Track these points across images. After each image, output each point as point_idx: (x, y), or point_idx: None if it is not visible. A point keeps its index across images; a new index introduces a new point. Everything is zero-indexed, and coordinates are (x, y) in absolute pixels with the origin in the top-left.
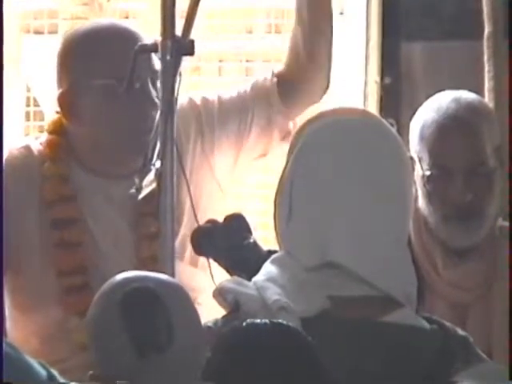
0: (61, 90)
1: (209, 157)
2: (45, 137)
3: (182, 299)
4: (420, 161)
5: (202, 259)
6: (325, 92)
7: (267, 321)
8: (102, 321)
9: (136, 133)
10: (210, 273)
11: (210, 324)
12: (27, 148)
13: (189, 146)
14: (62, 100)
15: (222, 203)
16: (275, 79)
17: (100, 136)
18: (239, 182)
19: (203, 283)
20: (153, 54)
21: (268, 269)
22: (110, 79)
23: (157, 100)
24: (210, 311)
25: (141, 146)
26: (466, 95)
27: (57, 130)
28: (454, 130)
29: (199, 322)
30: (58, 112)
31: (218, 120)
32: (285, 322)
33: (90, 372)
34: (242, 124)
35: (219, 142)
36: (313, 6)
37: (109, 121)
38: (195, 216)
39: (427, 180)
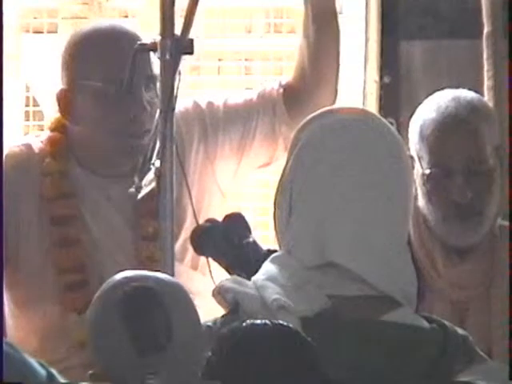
0: (60, 88)
1: (211, 161)
2: (45, 134)
3: (181, 298)
4: (420, 160)
5: (202, 263)
6: (331, 106)
7: (267, 321)
8: (101, 320)
9: (125, 136)
10: (210, 272)
11: (209, 323)
12: (27, 146)
13: (192, 149)
14: (60, 97)
15: (223, 206)
16: (281, 90)
17: (92, 136)
18: (240, 186)
19: (202, 286)
20: (149, 58)
21: (268, 268)
22: (103, 82)
23: (147, 105)
24: (208, 314)
25: (131, 150)
26: (466, 94)
27: (58, 127)
28: (453, 129)
29: (198, 321)
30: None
31: (222, 125)
32: (284, 323)
33: (90, 371)
34: (245, 131)
35: (222, 147)
36: (318, 22)
37: (100, 122)
38: (195, 215)
39: (427, 179)
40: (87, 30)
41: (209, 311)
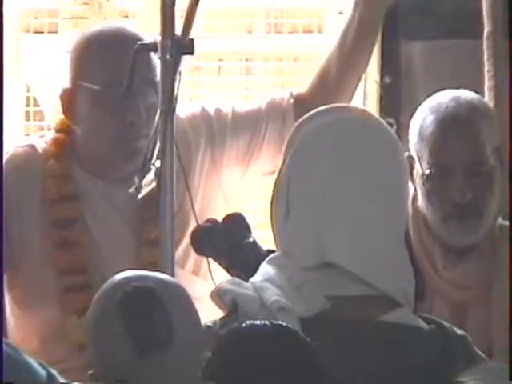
0: (63, 88)
1: (218, 167)
2: (50, 135)
3: (181, 299)
4: (420, 160)
5: (204, 269)
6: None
7: (266, 322)
8: (101, 320)
9: (121, 140)
10: (210, 272)
11: (209, 323)
12: (31, 146)
13: (198, 154)
14: (63, 97)
15: (225, 209)
16: (292, 100)
17: (91, 138)
18: (244, 191)
19: (203, 291)
20: (150, 62)
21: (265, 269)
22: (102, 84)
23: (143, 111)
24: (208, 319)
25: (127, 153)
26: (466, 94)
27: (63, 128)
28: (453, 129)
29: (199, 321)
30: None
31: (230, 131)
32: (284, 323)
33: (90, 372)
34: (253, 138)
35: (229, 154)
36: (362, 35)
37: (97, 125)
38: (195, 215)
39: (427, 179)
40: (92, 32)
41: (209, 316)
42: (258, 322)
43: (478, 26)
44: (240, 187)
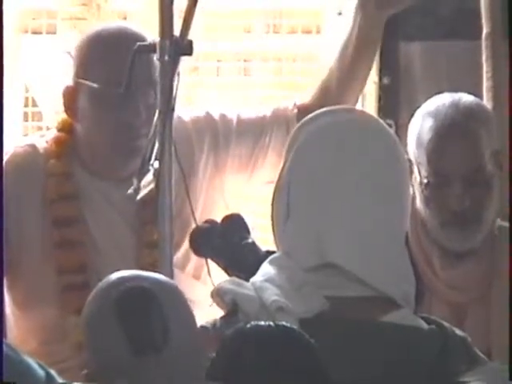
0: (66, 85)
1: (220, 172)
2: (51, 134)
3: (177, 299)
4: (418, 166)
5: (205, 274)
6: None
7: (271, 323)
8: (96, 319)
9: (120, 139)
10: (209, 273)
11: (204, 324)
12: (32, 146)
13: (201, 158)
14: (65, 94)
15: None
16: (296, 110)
17: (92, 137)
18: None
19: (202, 295)
20: (150, 62)
21: (266, 269)
22: (102, 83)
23: (142, 111)
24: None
25: (127, 151)
26: (465, 99)
27: (65, 128)
28: (452, 137)
29: (194, 322)
30: (62, 111)
31: (234, 138)
32: (288, 324)
33: (84, 371)
34: (257, 147)
35: (232, 160)
36: (361, 51)
37: (97, 123)
38: (193, 214)
39: (425, 186)
40: (95, 31)
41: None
42: (262, 323)
43: (477, 26)
44: (242, 193)
